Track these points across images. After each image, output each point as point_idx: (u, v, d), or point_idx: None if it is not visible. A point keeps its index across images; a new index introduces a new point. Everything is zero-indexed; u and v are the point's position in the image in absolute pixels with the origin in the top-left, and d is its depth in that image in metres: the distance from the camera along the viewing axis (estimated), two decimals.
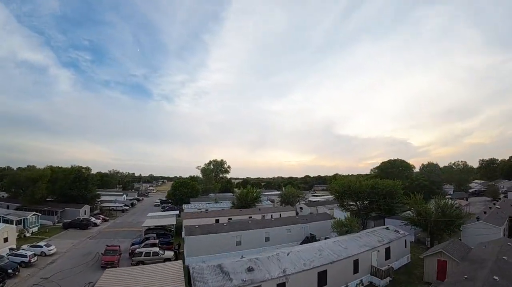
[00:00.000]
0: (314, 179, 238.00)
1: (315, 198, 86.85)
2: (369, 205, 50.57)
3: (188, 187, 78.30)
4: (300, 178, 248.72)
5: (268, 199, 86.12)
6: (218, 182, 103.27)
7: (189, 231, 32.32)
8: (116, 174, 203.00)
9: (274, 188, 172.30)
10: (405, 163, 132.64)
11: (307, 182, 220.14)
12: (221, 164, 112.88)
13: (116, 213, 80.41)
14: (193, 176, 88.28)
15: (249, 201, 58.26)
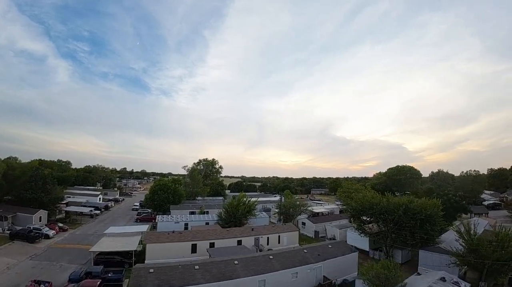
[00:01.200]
0: (312, 182, 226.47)
1: (317, 207, 74.79)
2: (397, 231, 38.36)
3: (169, 191, 65.65)
4: (297, 181, 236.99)
5: (264, 208, 73.71)
6: (207, 185, 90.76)
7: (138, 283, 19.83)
8: (100, 169, 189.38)
9: (269, 190, 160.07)
10: (413, 169, 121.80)
11: (304, 185, 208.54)
12: (212, 163, 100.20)
13: (81, 220, 67.39)
14: (176, 178, 75.56)
15: (239, 215, 45.86)
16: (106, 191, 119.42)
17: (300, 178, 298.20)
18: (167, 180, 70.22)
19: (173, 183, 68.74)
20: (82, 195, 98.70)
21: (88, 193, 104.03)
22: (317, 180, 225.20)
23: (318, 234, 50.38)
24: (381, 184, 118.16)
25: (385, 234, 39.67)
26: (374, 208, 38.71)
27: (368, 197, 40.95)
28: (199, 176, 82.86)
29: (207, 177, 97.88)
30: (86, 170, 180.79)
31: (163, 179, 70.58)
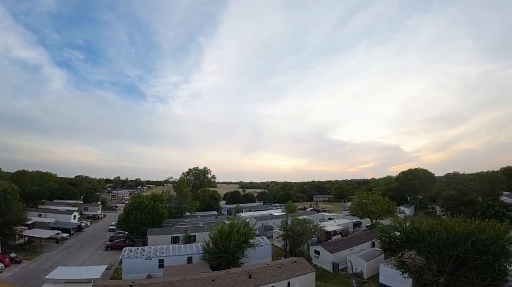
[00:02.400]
0: (313, 187, 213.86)
1: (328, 223, 62.64)
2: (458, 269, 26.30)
3: (146, 211, 53.13)
4: (297, 186, 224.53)
5: (264, 226, 61.25)
6: (197, 198, 78.18)
7: None
8: (84, 179, 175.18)
9: (269, 198, 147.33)
10: (427, 173, 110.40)
11: (305, 191, 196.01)
12: (204, 173, 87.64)
13: (42, 247, 54.82)
14: (158, 193, 62.91)
15: (233, 248, 33.46)
16: (87, 206, 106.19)
17: (300, 183, 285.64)
18: (144, 197, 57.60)
19: (152, 201, 56.15)
20: (55, 212, 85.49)
21: (61, 210, 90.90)
22: (318, 185, 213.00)
23: (338, 267, 38.11)
24: (393, 189, 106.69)
25: (438, 272, 27.70)
26: (427, 240, 26.64)
27: (417, 223, 28.79)
28: (186, 189, 70.27)
29: (198, 188, 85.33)
30: (70, 181, 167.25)
31: (140, 196, 58.00)
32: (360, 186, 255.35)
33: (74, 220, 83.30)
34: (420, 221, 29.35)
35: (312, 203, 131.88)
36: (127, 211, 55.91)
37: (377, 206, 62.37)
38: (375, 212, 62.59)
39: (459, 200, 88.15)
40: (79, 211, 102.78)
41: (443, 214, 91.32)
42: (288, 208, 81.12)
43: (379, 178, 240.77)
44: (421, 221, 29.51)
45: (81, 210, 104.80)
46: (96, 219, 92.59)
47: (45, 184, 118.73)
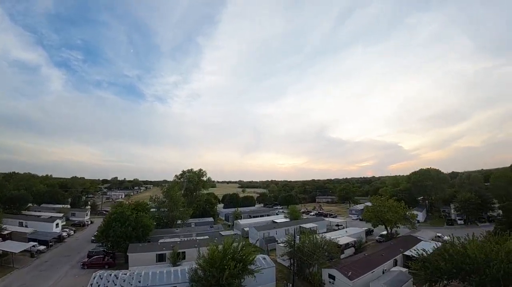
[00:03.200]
0: (315, 188, 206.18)
1: (339, 234, 55.16)
2: None
3: (127, 223, 45.64)
4: (298, 186, 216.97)
5: (265, 239, 53.68)
6: (191, 204, 70.44)
7: None
8: (76, 181, 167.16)
9: (269, 200, 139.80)
10: (441, 174, 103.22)
11: (306, 191, 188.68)
12: (198, 176, 79.94)
13: (13, 262, 47.63)
14: (143, 202, 54.99)
15: (227, 279, 25.89)
16: (74, 211, 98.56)
17: (301, 183, 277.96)
18: (126, 206, 49.94)
19: (135, 211, 48.58)
20: (37, 220, 77.98)
21: (44, 217, 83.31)
22: (320, 185, 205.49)
23: None
24: (403, 191, 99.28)
25: None
26: (484, 271, 19.17)
27: (471, 249, 21.27)
28: (177, 195, 62.61)
29: (191, 193, 77.66)
30: (61, 183, 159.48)
31: (121, 206, 50.28)
32: (363, 186, 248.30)
33: (56, 228, 75.72)
34: (476, 245, 21.78)
35: (316, 206, 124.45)
36: (106, 223, 48.34)
37: (394, 214, 54.96)
38: (392, 220, 55.18)
39: (477, 203, 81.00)
40: (66, 217, 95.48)
41: (459, 219, 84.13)
42: (292, 214, 73.72)
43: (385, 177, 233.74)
44: (475, 244, 21.95)
45: (68, 216, 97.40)
46: (82, 226, 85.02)
47: (32, 187, 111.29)
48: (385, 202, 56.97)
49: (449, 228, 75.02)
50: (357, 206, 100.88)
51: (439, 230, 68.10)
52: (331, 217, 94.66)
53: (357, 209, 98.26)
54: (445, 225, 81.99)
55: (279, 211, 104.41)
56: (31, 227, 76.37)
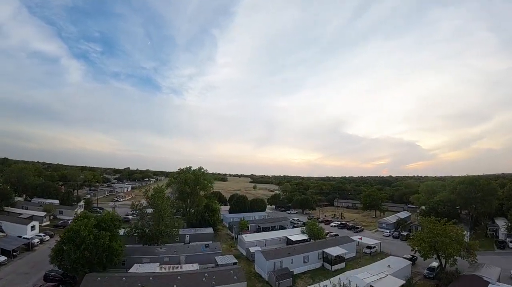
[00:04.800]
0: (330, 186, 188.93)
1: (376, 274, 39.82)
2: None
3: (85, 247, 32.34)
4: (313, 185, 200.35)
5: (276, 275, 38.87)
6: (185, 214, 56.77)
7: None
8: (75, 172, 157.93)
9: (282, 203, 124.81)
10: (491, 184, 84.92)
11: (323, 192, 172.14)
12: (197, 177, 65.97)
13: None
14: (112, 216, 41.14)
15: None
16: (62, 209, 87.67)
17: (316, 180, 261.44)
18: (84, 222, 36.45)
19: (96, 230, 35.20)
20: (13, 221, 66.94)
21: (23, 217, 72.50)
22: (338, 187, 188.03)
23: None
24: (445, 203, 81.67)
25: None
26: None
27: None
28: (164, 203, 48.69)
29: (187, 198, 63.92)
30: (62, 175, 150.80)
31: (80, 221, 36.80)
32: (384, 187, 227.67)
33: (32, 231, 64.51)
34: None
35: (336, 214, 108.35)
36: (59, 245, 35.27)
37: (456, 245, 39.08)
38: (451, 251, 39.31)
39: None
40: (53, 216, 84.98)
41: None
42: (312, 230, 58.57)
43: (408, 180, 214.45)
44: None
45: (55, 213, 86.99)
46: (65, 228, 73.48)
47: (24, 179, 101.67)
48: (443, 227, 40.97)
49: (500, 253, 58.83)
50: (388, 219, 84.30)
51: (490, 257, 53.91)
52: (357, 232, 78.88)
53: (388, 222, 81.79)
54: (496, 249, 64.49)
55: (294, 219, 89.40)
56: (6, 229, 65.66)
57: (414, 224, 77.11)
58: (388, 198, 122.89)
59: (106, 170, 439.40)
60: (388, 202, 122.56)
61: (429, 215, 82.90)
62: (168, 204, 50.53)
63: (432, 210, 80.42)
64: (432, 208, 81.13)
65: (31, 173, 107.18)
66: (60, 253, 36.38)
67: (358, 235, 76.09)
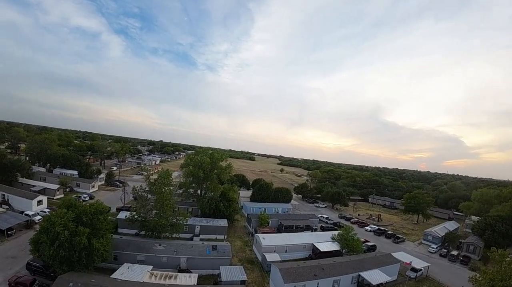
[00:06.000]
0: (365, 179, 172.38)
1: None
2: None
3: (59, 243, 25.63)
4: (346, 176, 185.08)
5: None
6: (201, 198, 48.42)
7: None
8: (100, 144, 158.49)
9: (310, 193, 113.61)
10: None
11: (357, 184, 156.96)
12: (214, 160, 56.98)
13: None
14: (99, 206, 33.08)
15: None
16: (80, 181, 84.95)
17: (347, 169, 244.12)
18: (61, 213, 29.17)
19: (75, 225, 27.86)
20: (22, 195, 63.51)
21: (35, 190, 69.96)
22: (373, 180, 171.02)
23: None
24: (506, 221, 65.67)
25: None
26: None
27: None
28: (166, 191, 40.35)
29: (200, 184, 55.61)
30: (89, 145, 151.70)
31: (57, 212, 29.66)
32: (424, 185, 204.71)
33: (38, 207, 61.01)
34: None
35: (373, 214, 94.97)
36: (38, 235, 28.72)
37: None
38: None
39: None
40: (69, 188, 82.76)
41: None
42: (346, 240, 47.44)
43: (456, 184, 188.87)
44: None
45: (72, 186, 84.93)
46: None
47: (47, 150, 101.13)
48: None
49: None
50: (436, 231, 69.76)
51: None
52: (398, 242, 66.07)
53: (436, 235, 67.58)
54: None
55: (323, 217, 78.40)
56: (12, 202, 63.13)
57: (467, 242, 62.60)
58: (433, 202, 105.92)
59: (141, 142, 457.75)
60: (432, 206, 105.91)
61: (484, 232, 68.53)
62: (170, 193, 42.10)
63: (488, 226, 65.19)
64: (488, 224, 65.74)
65: (54, 143, 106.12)
66: (37, 245, 30.07)
67: (399, 246, 63.67)
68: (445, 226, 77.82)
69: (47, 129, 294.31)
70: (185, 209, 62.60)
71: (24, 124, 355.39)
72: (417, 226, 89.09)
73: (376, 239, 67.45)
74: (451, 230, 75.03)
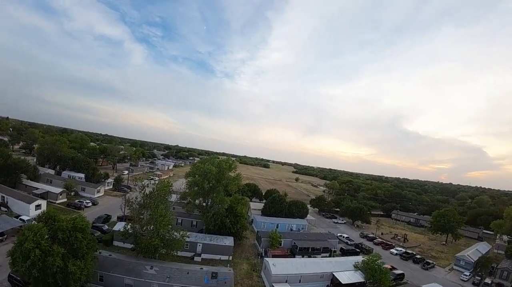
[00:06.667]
0: (386, 191, 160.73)
1: None
2: None
3: (31, 263, 21.33)
4: (366, 188, 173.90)
5: None
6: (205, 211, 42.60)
7: None
8: (116, 146, 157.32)
9: (328, 207, 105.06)
10: None
11: (378, 198, 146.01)
12: (221, 170, 51.24)
13: None
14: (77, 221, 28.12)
15: None
16: (85, 186, 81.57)
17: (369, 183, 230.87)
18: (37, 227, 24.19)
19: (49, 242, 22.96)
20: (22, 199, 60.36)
21: (37, 193, 66.88)
22: (396, 193, 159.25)
23: None
24: None
25: None
26: None
27: None
28: (160, 208, 34.60)
29: (206, 196, 49.90)
30: (102, 148, 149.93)
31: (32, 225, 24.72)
32: (449, 199, 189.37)
33: (36, 211, 57.43)
34: None
35: (398, 234, 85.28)
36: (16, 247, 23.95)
37: None
38: None
39: None
40: (74, 192, 79.43)
41: None
42: (371, 271, 39.78)
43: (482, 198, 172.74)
44: None
45: (77, 190, 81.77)
46: (78, 209, 66.24)
47: (57, 152, 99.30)
48: None
49: None
50: (468, 254, 60.53)
51: None
52: (428, 268, 57.14)
53: (468, 260, 58.46)
54: None
55: (342, 236, 70.19)
56: (12, 205, 60.11)
57: (501, 268, 53.76)
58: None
59: (158, 146, 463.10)
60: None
61: None
62: (169, 208, 36.49)
63: None
64: None
65: (65, 145, 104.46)
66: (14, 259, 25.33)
67: (429, 273, 55.15)
68: (478, 248, 68.65)
69: (67, 131, 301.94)
70: (189, 222, 57.22)
71: (46, 125, 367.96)
72: (446, 247, 79.66)
73: (403, 264, 58.89)
74: (483, 253, 65.81)
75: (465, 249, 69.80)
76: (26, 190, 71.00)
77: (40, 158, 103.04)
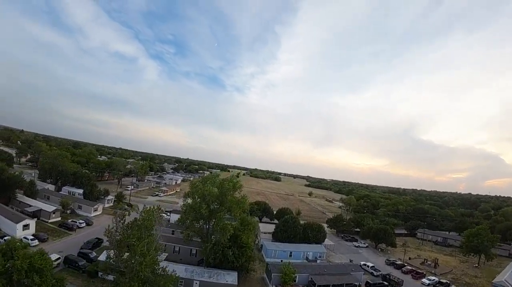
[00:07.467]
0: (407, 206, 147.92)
1: None
2: None
3: None
4: (386, 203, 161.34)
5: None
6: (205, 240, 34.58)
7: None
8: (121, 159, 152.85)
9: (348, 228, 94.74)
10: None
11: (399, 214, 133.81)
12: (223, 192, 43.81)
13: None
14: (37, 258, 21.30)
15: None
16: (81, 204, 75.51)
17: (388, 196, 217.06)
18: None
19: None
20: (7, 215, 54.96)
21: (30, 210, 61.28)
22: (419, 208, 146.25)
23: None
24: None
25: None
26: None
27: None
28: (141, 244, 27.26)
29: (207, 222, 42.37)
30: (108, 163, 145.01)
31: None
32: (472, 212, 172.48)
33: (23, 232, 51.63)
34: None
35: (428, 259, 74.40)
36: None
37: None
38: None
39: None
40: (70, 210, 73.58)
41: None
42: None
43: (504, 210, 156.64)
44: None
45: (73, 208, 76.01)
46: (70, 230, 59.78)
47: (59, 166, 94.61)
48: None
49: None
50: (505, 279, 50.31)
51: None
52: None
53: (507, 285, 47.90)
54: None
55: (366, 265, 60.23)
56: (0, 223, 54.60)
57: None
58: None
59: (168, 159, 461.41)
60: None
61: None
62: (154, 243, 29.11)
63: None
64: None
65: (67, 159, 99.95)
66: None
67: None
68: None
69: (79, 144, 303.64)
70: (188, 250, 49.48)
71: (60, 139, 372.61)
72: (479, 270, 69.39)
73: None
74: None
75: (501, 272, 60.79)
76: (19, 207, 65.79)
77: (42, 172, 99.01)
